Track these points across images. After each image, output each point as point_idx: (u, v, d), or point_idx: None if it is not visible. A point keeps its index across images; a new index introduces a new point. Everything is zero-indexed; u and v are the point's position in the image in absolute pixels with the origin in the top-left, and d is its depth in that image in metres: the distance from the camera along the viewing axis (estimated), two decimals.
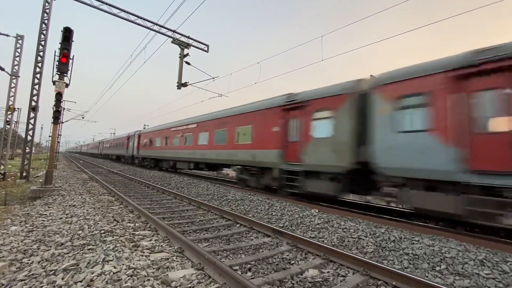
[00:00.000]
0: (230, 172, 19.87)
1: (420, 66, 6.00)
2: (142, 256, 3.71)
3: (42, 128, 56.49)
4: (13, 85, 12.98)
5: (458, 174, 5.15)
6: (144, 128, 31.27)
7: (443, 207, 5.41)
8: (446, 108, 5.45)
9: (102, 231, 4.53)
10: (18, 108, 29.49)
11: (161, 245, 4.30)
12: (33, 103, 11.47)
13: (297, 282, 3.31)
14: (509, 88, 4.76)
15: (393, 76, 6.41)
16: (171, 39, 13.14)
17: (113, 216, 5.84)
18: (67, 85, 9.05)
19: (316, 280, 3.38)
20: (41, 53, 11.49)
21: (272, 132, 9.53)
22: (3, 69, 12.78)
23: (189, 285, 3.01)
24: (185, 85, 13.66)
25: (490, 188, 4.85)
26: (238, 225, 5.90)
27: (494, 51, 4.92)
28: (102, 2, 11.09)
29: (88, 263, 3.21)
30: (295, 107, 8.82)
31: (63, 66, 8.79)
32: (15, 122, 30.06)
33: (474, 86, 5.16)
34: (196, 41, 13.92)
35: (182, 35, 13.32)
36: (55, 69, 8.80)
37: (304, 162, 8.19)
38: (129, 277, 2.92)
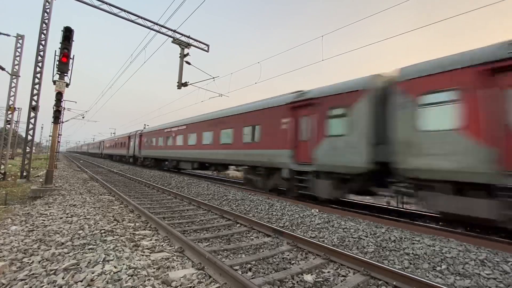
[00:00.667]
0: None
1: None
2: (143, 255, 3.70)
3: (42, 127, 56.58)
4: (13, 84, 12.98)
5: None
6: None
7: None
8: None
9: (103, 231, 4.53)
10: (18, 108, 29.53)
11: (162, 245, 4.30)
12: (34, 103, 11.48)
13: (297, 282, 3.31)
14: None
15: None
16: (172, 39, 13.14)
17: (113, 216, 5.84)
18: (67, 85, 9.05)
19: (316, 279, 3.38)
20: (41, 53, 11.50)
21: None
22: (3, 69, 12.79)
23: (190, 285, 3.01)
24: (185, 84, 13.65)
25: None
26: (238, 225, 5.90)
27: None
28: (103, 2, 11.08)
29: (89, 262, 3.21)
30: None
31: (63, 66, 8.80)
32: (16, 121, 30.13)
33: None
34: (197, 40, 13.92)
35: (182, 35, 13.32)
36: (56, 69, 8.80)
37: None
38: (130, 277, 2.91)
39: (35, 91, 11.47)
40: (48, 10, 11.51)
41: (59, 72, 8.84)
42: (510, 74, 4.77)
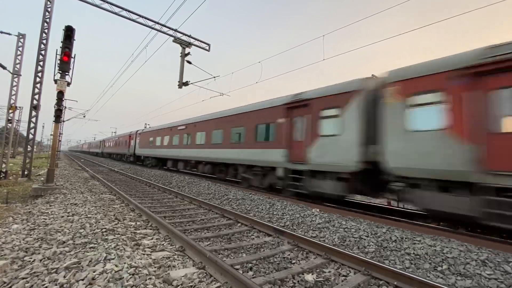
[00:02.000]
0: None
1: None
2: (144, 254, 3.71)
3: (43, 126, 56.71)
4: (14, 83, 13.00)
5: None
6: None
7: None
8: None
9: (104, 230, 4.54)
10: (19, 107, 29.54)
11: (163, 244, 4.30)
12: (35, 102, 11.49)
13: (298, 281, 3.31)
14: None
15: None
16: (173, 38, 13.14)
17: (114, 215, 5.85)
18: (68, 84, 9.06)
19: (317, 279, 3.38)
20: (42, 52, 11.51)
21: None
22: (4, 68, 12.80)
23: (191, 284, 3.02)
24: (186, 84, 13.66)
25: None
26: (239, 224, 5.90)
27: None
28: (104, 1, 11.08)
29: (90, 261, 3.21)
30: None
31: (64, 65, 8.80)
32: (17, 120, 30.14)
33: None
34: (197, 40, 13.92)
35: (183, 34, 13.32)
36: (57, 68, 8.81)
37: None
38: (131, 276, 2.92)
39: (36, 90, 11.48)
40: (49, 9, 11.52)
41: (60, 71, 8.85)
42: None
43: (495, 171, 4.76)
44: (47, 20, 11.49)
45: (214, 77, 14.31)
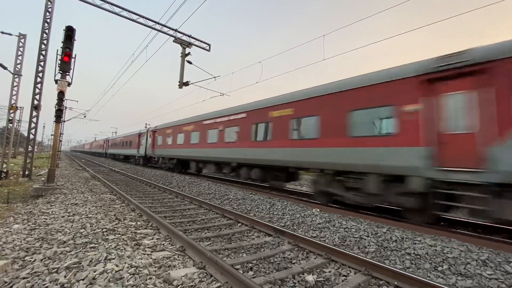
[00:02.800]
0: None
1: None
2: (144, 254, 3.72)
3: (44, 127, 56.68)
4: (15, 84, 13.03)
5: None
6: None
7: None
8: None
9: (104, 230, 4.55)
10: (20, 107, 29.61)
11: (163, 244, 4.31)
12: (35, 102, 11.51)
13: (298, 281, 3.31)
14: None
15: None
16: (173, 38, 13.15)
17: (115, 215, 5.86)
18: (69, 84, 9.08)
19: (317, 279, 3.38)
20: (43, 52, 11.53)
21: None
22: (5, 68, 12.83)
23: (191, 284, 3.02)
24: (186, 84, 13.66)
25: None
26: (239, 224, 5.90)
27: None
28: (104, 1, 11.10)
29: (91, 261, 3.22)
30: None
31: (65, 65, 8.82)
32: (18, 120, 30.18)
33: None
34: (198, 40, 13.92)
35: (183, 34, 13.32)
36: (57, 68, 8.83)
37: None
38: (131, 276, 2.92)
39: (37, 90, 11.49)
40: (50, 9, 11.54)
41: (61, 71, 8.86)
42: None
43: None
44: (48, 20, 11.51)
45: (215, 77, 14.33)
